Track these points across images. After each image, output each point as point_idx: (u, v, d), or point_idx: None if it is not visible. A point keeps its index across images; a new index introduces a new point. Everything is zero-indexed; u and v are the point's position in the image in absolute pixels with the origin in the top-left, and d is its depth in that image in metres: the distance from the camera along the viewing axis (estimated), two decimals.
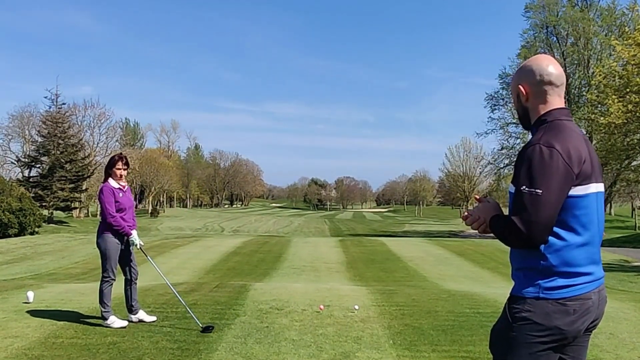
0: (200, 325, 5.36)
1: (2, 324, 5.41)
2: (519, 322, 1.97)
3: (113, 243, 5.45)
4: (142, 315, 5.60)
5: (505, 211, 2.07)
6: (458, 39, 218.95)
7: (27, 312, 5.93)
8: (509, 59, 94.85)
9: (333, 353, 4.63)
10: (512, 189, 2.01)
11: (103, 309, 5.39)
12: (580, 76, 41.91)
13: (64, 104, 50.70)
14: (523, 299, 1.98)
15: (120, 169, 5.56)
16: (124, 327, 5.30)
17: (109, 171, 5.58)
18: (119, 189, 5.57)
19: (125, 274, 5.61)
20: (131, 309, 5.59)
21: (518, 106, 2.18)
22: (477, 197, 2.21)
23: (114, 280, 5.51)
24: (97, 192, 5.61)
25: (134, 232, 5.61)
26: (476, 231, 2.13)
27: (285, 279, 11.94)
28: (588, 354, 4.88)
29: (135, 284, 5.64)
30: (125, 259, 5.59)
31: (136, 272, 5.66)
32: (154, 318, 5.64)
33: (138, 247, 5.63)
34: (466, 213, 2.16)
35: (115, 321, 5.37)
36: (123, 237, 5.53)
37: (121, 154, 5.87)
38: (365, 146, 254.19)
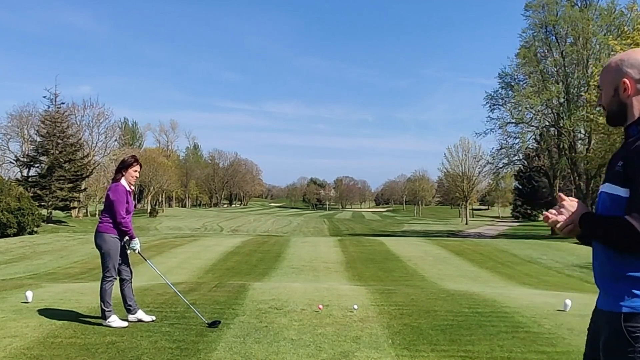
0: (206, 320, 5.40)
1: (1, 323, 5.40)
2: None
3: (115, 243, 5.46)
4: (140, 314, 5.61)
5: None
6: (457, 39, 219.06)
7: (26, 311, 5.92)
8: (508, 58, 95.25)
9: (332, 353, 4.62)
10: (619, 191, 1.83)
11: (105, 308, 5.38)
12: (579, 76, 41.89)
13: (62, 103, 50.70)
14: None
15: (137, 171, 5.61)
16: (124, 327, 5.30)
17: (124, 172, 5.54)
18: (129, 191, 5.58)
19: (121, 274, 5.60)
20: (129, 309, 5.59)
21: (612, 101, 1.98)
22: (561, 194, 2.03)
23: (116, 279, 5.53)
24: (108, 191, 5.52)
25: (137, 239, 5.64)
26: (477, 231, 2.04)
27: (284, 279, 11.94)
28: (588, 355, 4.88)
29: (131, 283, 5.66)
30: (122, 259, 5.59)
31: (132, 271, 5.68)
32: (152, 317, 5.64)
33: (137, 252, 5.65)
34: (546, 213, 1.97)
35: (115, 320, 5.37)
36: (123, 238, 5.53)
37: (136, 156, 5.85)
38: (364, 146, 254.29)
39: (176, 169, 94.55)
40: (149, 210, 78.26)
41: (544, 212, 2.00)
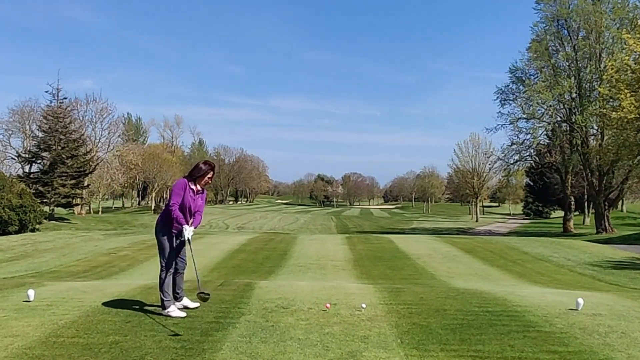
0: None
1: (2, 322, 5.36)
2: None
3: (167, 235, 5.66)
4: (186, 302, 5.88)
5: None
6: (467, 32, 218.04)
7: (28, 310, 5.87)
8: (519, 52, 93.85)
9: (340, 352, 4.55)
10: None
11: (164, 298, 5.64)
12: (591, 70, 41.30)
13: (65, 98, 49.16)
14: None
15: (211, 178, 5.77)
16: (182, 317, 5.50)
17: (196, 176, 5.70)
18: (192, 189, 5.70)
19: (175, 264, 5.82)
20: (176, 297, 5.84)
21: None
22: None
23: (170, 269, 5.72)
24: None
25: (187, 227, 5.60)
26: (488, 229, 1.86)
27: (290, 277, 11.86)
28: (599, 353, 4.76)
29: (183, 273, 5.89)
30: (177, 250, 5.80)
31: (186, 262, 5.90)
32: (197, 304, 5.88)
33: (187, 239, 5.63)
34: None
35: (174, 310, 5.62)
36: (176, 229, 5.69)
37: (212, 163, 5.89)
38: (372, 141, 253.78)
39: (181, 165, 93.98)
40: (153, 207, 78.54)
41: None
